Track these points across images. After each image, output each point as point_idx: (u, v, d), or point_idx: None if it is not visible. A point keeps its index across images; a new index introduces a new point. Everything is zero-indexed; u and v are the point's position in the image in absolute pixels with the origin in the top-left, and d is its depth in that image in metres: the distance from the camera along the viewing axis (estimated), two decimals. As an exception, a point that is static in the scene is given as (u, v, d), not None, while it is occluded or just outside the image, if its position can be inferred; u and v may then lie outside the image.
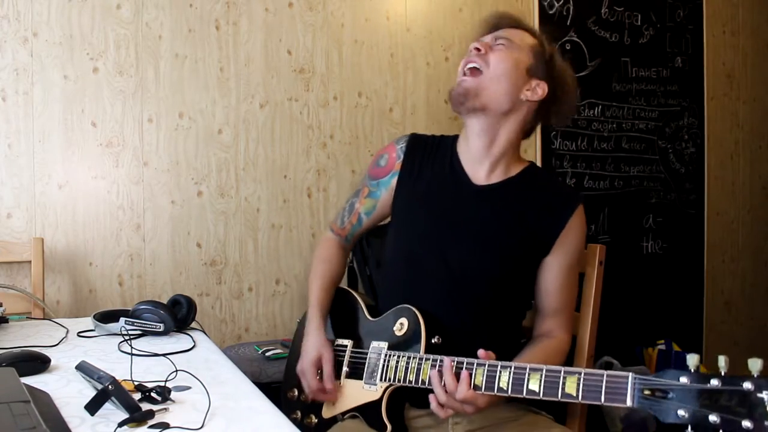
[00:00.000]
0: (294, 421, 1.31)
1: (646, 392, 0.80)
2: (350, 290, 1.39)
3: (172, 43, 2.05)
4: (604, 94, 2.90)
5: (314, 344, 1.24)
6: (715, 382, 0.76)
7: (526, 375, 0.94)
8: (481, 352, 1.02)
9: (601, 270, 1.40)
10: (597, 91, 2.86)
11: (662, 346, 2.82)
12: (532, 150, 2.71)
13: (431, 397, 1.04)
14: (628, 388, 0.82)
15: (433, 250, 1.23)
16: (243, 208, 2.16)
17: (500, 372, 0.98)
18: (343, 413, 1.21)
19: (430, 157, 1.32)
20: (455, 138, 1.33)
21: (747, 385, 0.73)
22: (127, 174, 2.00)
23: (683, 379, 0.78)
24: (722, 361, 0.76)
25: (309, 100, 2.26)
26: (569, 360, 1.39)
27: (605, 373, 0.86)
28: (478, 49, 1.21)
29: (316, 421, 1.26)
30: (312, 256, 1.45)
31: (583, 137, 2.84)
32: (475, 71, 1.20)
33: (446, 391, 1.01)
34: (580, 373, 0.89)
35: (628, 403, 0.82)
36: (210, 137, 2.10)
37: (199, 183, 2.09)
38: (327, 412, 1.24)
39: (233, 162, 2.14)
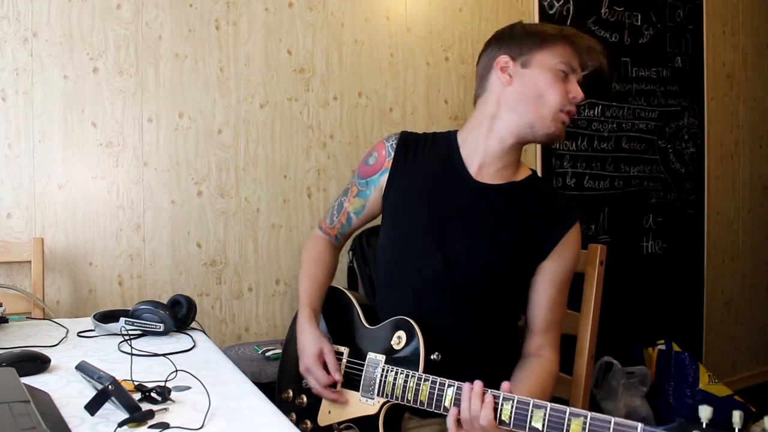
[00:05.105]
0: None
1: None
2: (345, 290, 1.36)
3: (172, 43, 2.04)
4: (604, 94, 2.90)
5: (311, 339, 1.23)
6: None
7: (529, 411, 0.91)
8: (505, 384, 0.97)
9: (601, 270, 1.39)
10: (597, 91, 2.86)
11: (662, 346, 2.82)
12: (532, 150, 2.71)
13: (451, 412, 1.00)
14: None
15: (431, 241, 1.21)
16: (243, 208, 2.16)
17: (502, 405, 0.94)
18: (339, 423, 1.19)
19: (424, 152, 1.30)
20: (452, 133, 1.30)
21: None
22: (127, 174, 2.00)
23: None
24: (737, 416, 0.72)
25: (309, 100, 2.26)
26: (570, 360, 1.39)
27: (613, 420, 0.83)
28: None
29: (312, 426, 1.24)
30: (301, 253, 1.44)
31: (583, 137, 2.84)
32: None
33: (470, 414, 0.97)
34: (586, 416, 0.86)
35: None
36: (210, 137, 2.10)
37: (199, 183, 2.09)
38: (323, 420, 1.22)
39: (233, 162, 2.14)
